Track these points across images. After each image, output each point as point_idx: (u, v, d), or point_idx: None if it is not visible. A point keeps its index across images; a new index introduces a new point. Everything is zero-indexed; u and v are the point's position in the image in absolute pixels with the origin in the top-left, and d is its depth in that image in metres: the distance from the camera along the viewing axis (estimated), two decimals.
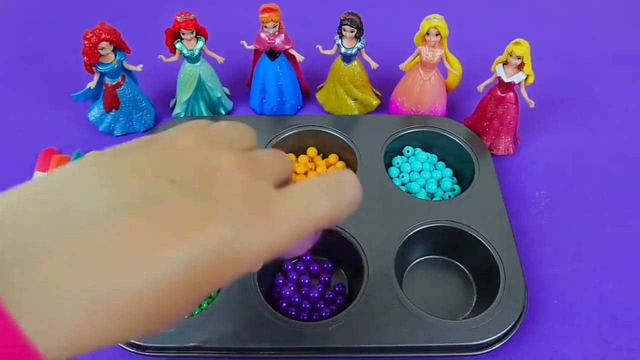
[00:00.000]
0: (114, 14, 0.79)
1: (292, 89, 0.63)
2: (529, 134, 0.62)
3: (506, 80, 0.55)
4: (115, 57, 0.56)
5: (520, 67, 0.54)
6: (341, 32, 0.57)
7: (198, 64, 0.60)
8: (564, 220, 0.54)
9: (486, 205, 0.51)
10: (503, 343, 0.43)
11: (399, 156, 0.58)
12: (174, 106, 0.64)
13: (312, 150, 0.59)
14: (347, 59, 0.59)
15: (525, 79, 0.54)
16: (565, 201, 0.56)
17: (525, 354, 0.45)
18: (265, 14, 0.56)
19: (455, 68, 0.58)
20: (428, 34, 0.55)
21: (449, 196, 0.55)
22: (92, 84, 0.57)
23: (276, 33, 0.58)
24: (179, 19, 0.56)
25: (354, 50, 0.58)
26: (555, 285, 0.49)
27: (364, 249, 0.47)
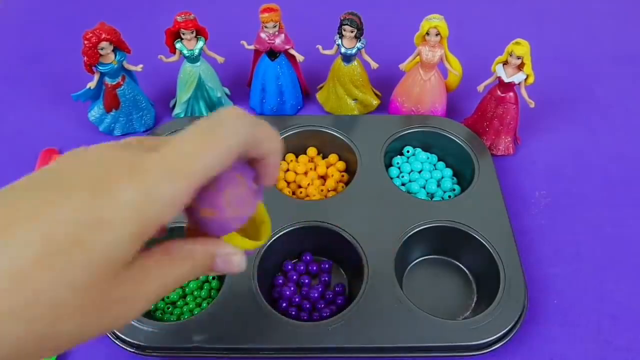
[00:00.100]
0: (114, 14, 0.79)
1: (292, 89, 0.63)
2: (529, 134, 0.62)
3: (506, 80, 0.55)
4: (115, 57, 0.56)
5: (520, 67, 0.54)
6: (341, 32, 0.57)
7: (198, 64, 0.60)
8: (564, 220, 0.54)
9: (486, 205, 0.51)
10: (503, 343, 0.43)
11: (399, 156, 0.58)
12: (174, 106, 0.64)
13: (312, 150, 0.59)
14: (347, 59, 0.59)
15: (525, 79, 0.54)
16: (565, 201, 0.56)
17: (525, 354, 0.45)
18: (265, 14, 0.56)
19: (455, 68, 0.58)
20: (428, 34, 0.55)
21: (449, 196, 0.55)
22: (92, 84, 0.57)
23: (276, 33, 0.58)
24: (179, 19, 0.56)
25: (354, 50, 0.58)
26: (555, 285, 0.49)
27: (364, 249, 0.47)
